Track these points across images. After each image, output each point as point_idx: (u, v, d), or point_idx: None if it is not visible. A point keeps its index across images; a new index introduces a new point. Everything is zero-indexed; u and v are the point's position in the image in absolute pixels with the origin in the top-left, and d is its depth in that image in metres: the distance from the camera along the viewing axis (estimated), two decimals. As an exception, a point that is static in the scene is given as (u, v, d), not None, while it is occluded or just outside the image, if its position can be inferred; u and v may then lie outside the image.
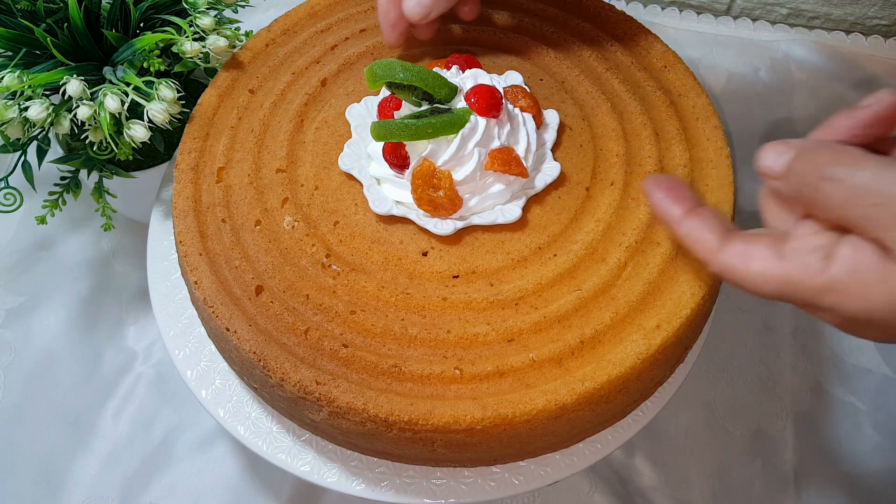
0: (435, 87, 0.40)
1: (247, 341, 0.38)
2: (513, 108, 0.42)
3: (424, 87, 0.39)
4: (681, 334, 0.38)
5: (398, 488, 0.41)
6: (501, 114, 0.40)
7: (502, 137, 0.40)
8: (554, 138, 0.43)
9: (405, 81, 0.39)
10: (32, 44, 0.46)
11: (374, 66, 0.39)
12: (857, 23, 0.75)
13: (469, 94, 0.40)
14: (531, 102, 0.43)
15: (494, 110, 0.40)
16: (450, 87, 0.40)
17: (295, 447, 0.42)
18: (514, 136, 0.41)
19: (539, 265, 0.40)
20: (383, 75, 0.39)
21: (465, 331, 0.38)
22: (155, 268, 0.48)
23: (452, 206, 0.40)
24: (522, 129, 0.41)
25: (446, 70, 0.43)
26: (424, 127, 0.39)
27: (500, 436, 0.37)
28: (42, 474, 0.53)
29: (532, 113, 0.42)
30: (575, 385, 0.36)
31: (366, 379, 0.37)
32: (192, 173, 0.44)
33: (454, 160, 0.39)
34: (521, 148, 0.41)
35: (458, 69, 0.43)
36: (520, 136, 0.41)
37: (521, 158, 0.40)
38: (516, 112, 0.42)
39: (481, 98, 0.40)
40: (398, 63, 0.39)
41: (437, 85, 0.40)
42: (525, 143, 0.41)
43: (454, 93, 0.41)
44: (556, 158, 0.43)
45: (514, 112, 0.42)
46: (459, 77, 0.42)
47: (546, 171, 0.42)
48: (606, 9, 0.51)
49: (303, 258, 0.41)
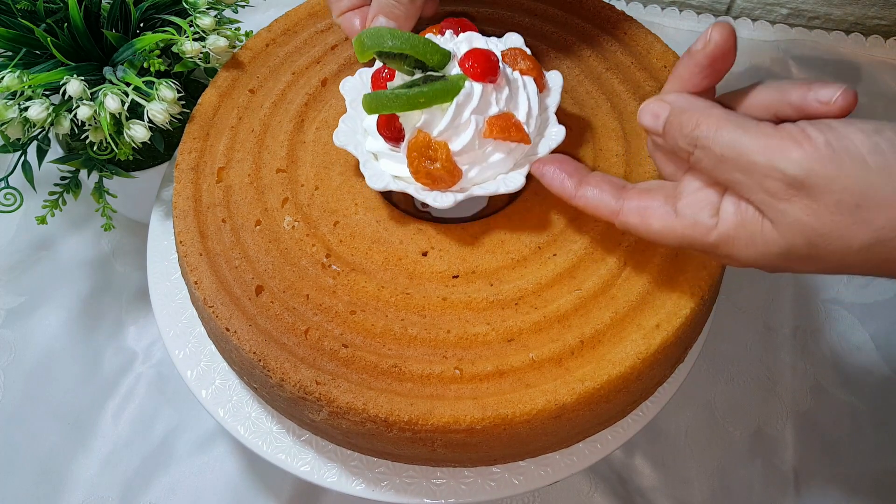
0: (426, 54, 0.37)
1: (247, 341, 0.38)
2: (511, 71, 0.39)
3: (415, 55, 0.37)
4: (680, 334, 0.38)
5: (398, 488, 0.41)
6: (499, 78, 0.38)
7: (501, 103, 0.38)
8: (558, 102, 0.41)
9: (394, 50, 0.37)
10: (32, 44, 0.46)
11: (362, 35, 0.37)
12: (857, 23, 0.75)
13: (463, 60, 0.38)
14: (531, 65, 0.40)
15: (491, 75, 0.37)
16: (442, 53, 0.38)
17: (295, 447, 0.42)
18: (514, 101, 0.39)
19: (539, 265, 0.40)
20: (371, 45, 0.37)
21: (464, 331, 0.38)
22: (155, 268, 0.48)
23: (451, 178, 0.38)
24: (522, 94, 0.39)
25: (440, 36, 0.40)
26: (416, 96, 0.36)
27: (500, 436, 0.37)
28: (42, 474, 0.53)
29: (533, 76, 0.40)
30: (575, 385, 0.36)
31: (366, 379, 0.37)
32: (192, 173, 0.44)
33: (450, 130, 0.37)
34: (521, 113, 0.38)
35: (452, 34, 0.40)
36: (519, 100, 0.39)
37: (521, 124, 0.38)
38: (515, 76, 0.39)
39: (476, 62, 0.37)
40: (387, 31, 0.37)
41: (428, 51, 0.37)
42: (526, 108, 0.39)
43: (447, 59, 0.38)
44: None
45: (512, 76, 0.39)
46: (453, 42, 0.39)
47: (550, 135, 0.40)
48: (607, 9, 0.51)
49: (303, 258, 0.41)
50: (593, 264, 0.40)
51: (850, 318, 0.60)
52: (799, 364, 0.58)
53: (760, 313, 0.60)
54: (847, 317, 0.60)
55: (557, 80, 0.42)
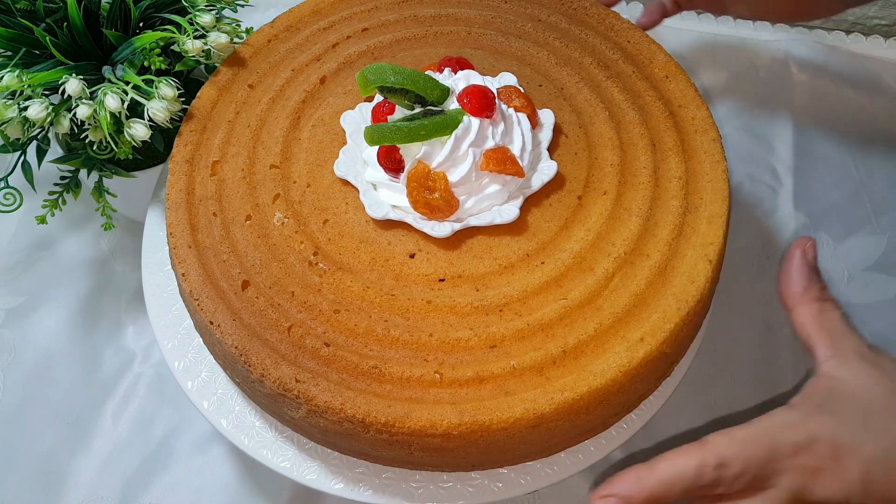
0: (427, 90, 0.39)
1: (230, 335, 0.38)
2: (506, 108, 0.42)
3: (416, 90, 0.39)
4: (665, 348, 0.38)
5: (377, 489, 0.41)
6: (495, 114, 0.40)
7: (496, 137, 0.40)
8: (550, 138, 0.43)
9: (396, 85, 0.39)
10: (32, 43, 0.46)
11: (365, 71, 0.39)
12: (857, 23, 0.75)
13: (461, 95, 0.40)
14: (525, 102, 0.43)
15: (487, 110, 0.40)
16: (442, 88, 0.40)
17: (277, 443, 0.42)
18: (509, 136, 0.41)
19: (526, 272, 0.40)
20: (374, 80, 0.39)
21: (447, 335, 0.38)
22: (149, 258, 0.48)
23: (449, 208, 0.40)
24: (517, 129, 0.41)
25: (438, 73, 0.43)
26: (417, 129, 0.39)
27: (476, 442, 0.36)
28: (42, 474, 0.53)
29: (526, 113, 0.42)
30: (554, 395, 0.36)
31: (345, 379, 0.37)
32: (186, 165, 0.44)
33: (448, 161, 0.39)
34: (516, 147, 0.41)
35: (451, 71, 0.43)
36: (514, 135, 0.41)
37: (516, 158, 0.40)
38: (510, 112, 0.42)
39: (474, 98, 0.39)
40: (389, 67, 0.39)
41: (428, 87, 0.39)
42: (520, 143, 0.41)
43: (446, 94, 0.40)
44: None
45: (507, 112, 0.41)
46: (452, 79, 0.42)
47: (543, 170, 0.42)
48: (611, 16, 0.51)
49: (290, 255, 0.41)
50: (581, 274, 0.40)
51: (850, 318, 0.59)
52: (799, 364, 0.57)
53: (760, 313, 0.59)
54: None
55: (549, 117, 0.44)
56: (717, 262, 0.41)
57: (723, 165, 0.43)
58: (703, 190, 0.43)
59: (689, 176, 0.43)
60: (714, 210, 0.42)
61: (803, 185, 0.65)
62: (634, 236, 0.41)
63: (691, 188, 0.43)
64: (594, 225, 0.41)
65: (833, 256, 0.62)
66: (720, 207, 0.42)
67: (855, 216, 0.64)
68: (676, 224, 0.41)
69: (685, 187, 0.43)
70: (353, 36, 0.50)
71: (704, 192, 0.43)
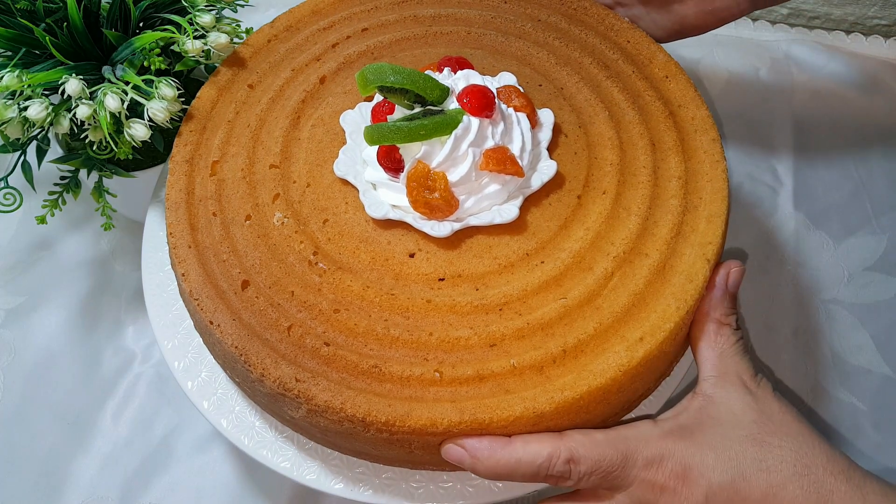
0: (426, 89, 0.39)
1: (229, 335, 0.38)
2: (506, 107, 0.42)
3: (416, 90, 0.39)
4: (665, 348, 0.38)
5: (377, 488, 0.41)
6: (494, 113, 0.40)
7: (496, 137, 0.40)
8: (549, 137, 0.43)
9: (396, 85, 0.39)
10: (32, 43, 0.46)
11: (364, 70, 0.39)
12: (857, 23, 0.75)
13: (461, 95, 0.40)
14: (525, 102, 0.42)
15: (487, 110, 0.40)
16: (441, 88, 0.40)
17: (277, 443, 0.42)
18: (509, 136, 0.41)
19: (526, 271, 0.40)
20: (374, 79, 0.39)
21: (447, 334, 0.38)
22: (149, 258, 0.48)
23: (448, 208, 0.40)
24: (516, 129, 0.41)
25: (438, 73, 0.43)
26: (417, 129, 0.38)
27: (476, 441, 0.36)
28: (42, 474, 0.53)
29: (526, 112, 0.42)
30: (554, 394, 0.36)
31: (345, 378, 0.37)
32: (186, 165, 0.44)
33: (448, 161, 0.39)
34: (515, 147, 0.41)
35: (450, 71, 0.43)
36: (514, 135, 0.41)
37: (516, 157, 0.40)
38: (510, 112, 0.42)
39: (473, 98, 0.39)
40: (388, 66, 0.39)
41: (428, 87, 0.39)
42: (520, 143, 0.41)
43: (446, 94, 0.40)
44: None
45: (507, 112, 0.41)
46: (451, 79, 0.42)
47: (542, 169, 0.42)
48: (611, 16, 0.51)
49: (290, 255, 0.41)
50: (580, 273, 0.40)
51: (850, 318, 0.59)
52: (799, 364, 0.57)
53: (760, 313, 0.59)
54: (847, 317, 0.59)
55: (549, 117, 0.44)
56: (716, 261, 0.41)
57: (722, 165, 0.44)
58: (702, 189, 0.43)
59: (688, 175, 0.43)
60: (713, 209, 0.42)
61: (803, 185, 0.65)
62: (633, 235, 0.41)
63: (691, 188, 0.43)
64: (593, 224, 0.41)
65: (833, 256, 0.62)
66: (719, 207, 0.42)
67: (855, 216, 0.64)
68: (675, 223, 0.41)
69: (684, 187, 0.43)
70: (353, 36, 0.50)
71: (704, 192, 0.43)
